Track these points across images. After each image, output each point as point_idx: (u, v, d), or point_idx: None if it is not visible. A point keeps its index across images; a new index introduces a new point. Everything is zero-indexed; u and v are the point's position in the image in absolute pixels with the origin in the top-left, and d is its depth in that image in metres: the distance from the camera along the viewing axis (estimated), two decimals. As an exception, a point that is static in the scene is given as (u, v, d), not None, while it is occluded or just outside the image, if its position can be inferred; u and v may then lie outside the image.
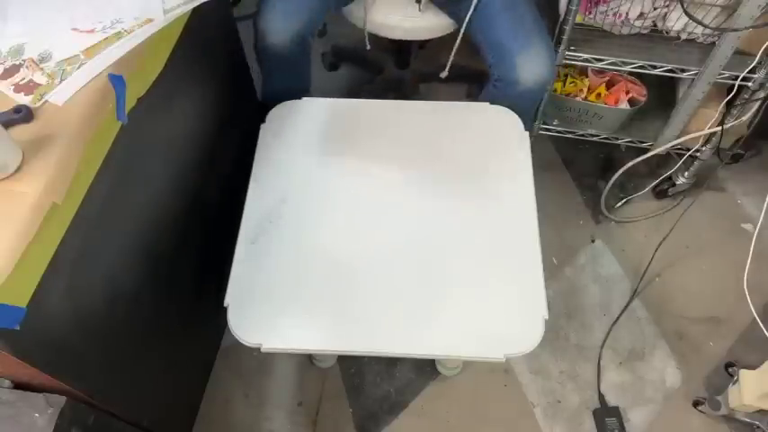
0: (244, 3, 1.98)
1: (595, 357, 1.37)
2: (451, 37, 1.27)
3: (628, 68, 1.26)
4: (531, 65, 1.13)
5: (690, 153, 1.42)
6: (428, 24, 1.31)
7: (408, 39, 1.37)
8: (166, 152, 0.96)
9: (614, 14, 1.20)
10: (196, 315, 1.20)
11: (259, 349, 0.90)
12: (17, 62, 0.74)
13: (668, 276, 1.48)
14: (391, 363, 1.35)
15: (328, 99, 1.17)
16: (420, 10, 1.18)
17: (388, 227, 1.01)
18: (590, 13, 1.22)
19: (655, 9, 1.18)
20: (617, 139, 1.48)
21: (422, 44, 1.63)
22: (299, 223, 1.02)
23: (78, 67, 0.73)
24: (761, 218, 1.17)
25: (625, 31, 1.24)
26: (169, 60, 0.87)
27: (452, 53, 1.08)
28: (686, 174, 1.52)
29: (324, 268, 0.97)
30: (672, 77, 1.27)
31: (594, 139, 1.49)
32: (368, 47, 1.10)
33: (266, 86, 1.29)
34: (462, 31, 1.15)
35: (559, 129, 1.47)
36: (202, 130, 1.09)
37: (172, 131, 0.97)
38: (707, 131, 1.36)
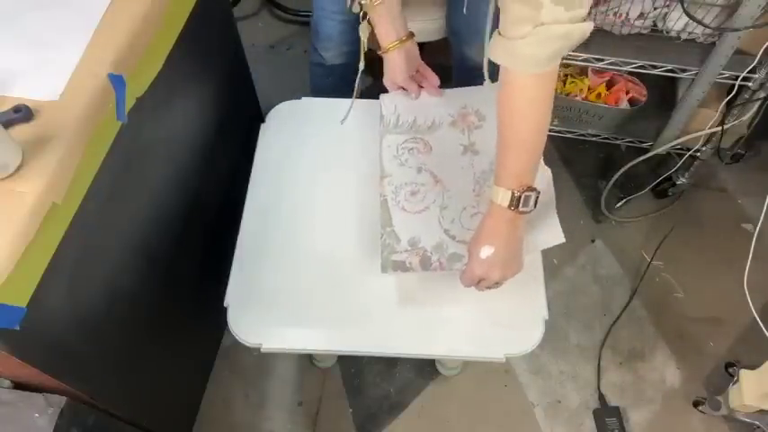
0: (244, 3, 1.98)
1: (595, 357, 1.37)
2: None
3: (628, 68, 1.26)
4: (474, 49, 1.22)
5: (690, 153, 1.42)
6: (433, 27, 1.32)
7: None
8: (166, 152, 0.96)
9: (614, 14, 1.20)
10: (196, 315, 1.20)
11: (259, 349, 0.90)
12: None
13: (668, 277, 1.48)
14: (391, 363, 1.35)
15: (328, 99, 1.17)
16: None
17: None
18: (590, 13, 1.21)
19: (655, 9, 1.18)
20: (617, 139, 1.48)
21: (422, 45, 1.63)
22: (299, 223, 1.01)
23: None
24: (761, 218, 1.17)
25: (625, 31, 1.24)
26: (168, 60, 0.87)
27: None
28: (686, 174, 1.51)
29: (324, 268, 0.97)
30: (672, 77, 1.27)
31: (594, 139, 1.49)
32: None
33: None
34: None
35: (559, 129, 1.47)
36: (202, 130, 1.09)
37: (172, 131, 0.97)
38: (707, 131, 1.36)
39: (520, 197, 0.77)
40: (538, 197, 0.80)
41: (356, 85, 1.05)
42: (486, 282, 0.84)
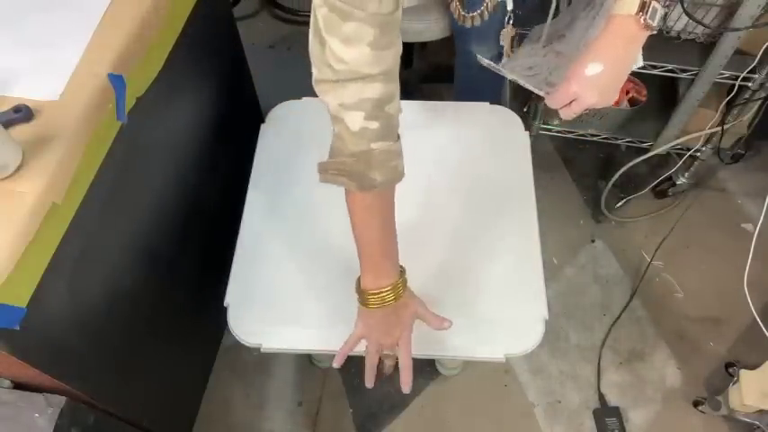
0: (244, 3, 1.98)
1: (595, 357, 1.37)
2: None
3: (628, 68, 1.26)
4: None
5: (690, 153, 1.42)
6: (434, 27, 1.32)
7: (416, 41, 1.37)
8: (166, 152, 0.96)
9: (614, 14, 1.20)
10: (196, 315, 1.20)
11: (259, 349, 0.90)
12: None
13: (668, 277, 1.48)
14: (391, 363, 1.35)
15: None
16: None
17: (388, 227, 1.00)
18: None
19: (655, 9, 1.18)
20: (617, 139, 1.48)
21: (423, 44, 1.63)
22: (299, 223, 1.01)
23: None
24: (761, 218, 1.17)
25: (625, 31, 1.24)
26: (168, 60, 0.87)
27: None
28: (686, 174, 1.51)
29: (324, 268, 0.97)
30: (672, 77, 1.27)
31: (594, 139, 1.49)
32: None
33: None
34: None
35: (559, 129, 1.47)
36: (202, 130, 1.09)
37: (172, 131, 0.97)
38: (707, 131, 1.36)
39: (649, 3, 0.70)
40: (665, 17, 0.73)
41: None
42: (577, 104, 0.76)
